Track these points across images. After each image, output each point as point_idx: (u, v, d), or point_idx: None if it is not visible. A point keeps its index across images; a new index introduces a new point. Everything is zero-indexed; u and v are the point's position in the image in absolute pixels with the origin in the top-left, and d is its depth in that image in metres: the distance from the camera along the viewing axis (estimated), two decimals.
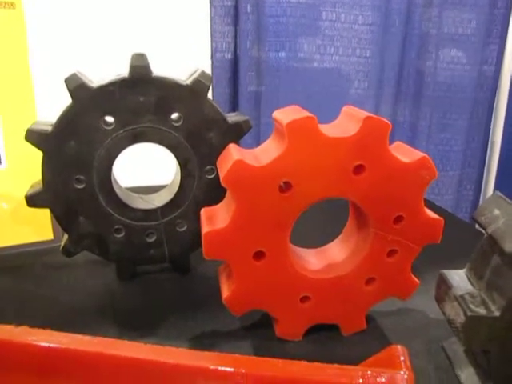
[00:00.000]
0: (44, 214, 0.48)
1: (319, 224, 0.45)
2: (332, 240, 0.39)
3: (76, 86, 0.37)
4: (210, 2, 0.96)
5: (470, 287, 0.25)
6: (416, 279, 0.36)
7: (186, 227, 0.42)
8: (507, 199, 0.25)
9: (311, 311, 0.35)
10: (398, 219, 0.34)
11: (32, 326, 0.26)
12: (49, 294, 0.42)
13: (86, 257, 0.43)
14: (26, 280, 0.44)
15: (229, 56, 1.00)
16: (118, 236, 0.41)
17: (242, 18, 0.96)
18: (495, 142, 1.17)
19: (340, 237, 0.38)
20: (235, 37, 1.00)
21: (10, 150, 0.47)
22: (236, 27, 0.99)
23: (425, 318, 0.38)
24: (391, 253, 0.35)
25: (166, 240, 0.42)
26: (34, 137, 0.38)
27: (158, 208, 0.41)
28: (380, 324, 0.37)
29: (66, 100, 0.38)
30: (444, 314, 0.26)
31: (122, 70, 0.38)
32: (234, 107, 1.02)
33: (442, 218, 0.34)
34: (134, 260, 0.43)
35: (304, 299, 0.35)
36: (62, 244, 0.42)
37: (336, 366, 0.25)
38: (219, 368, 0.25)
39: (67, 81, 0.37)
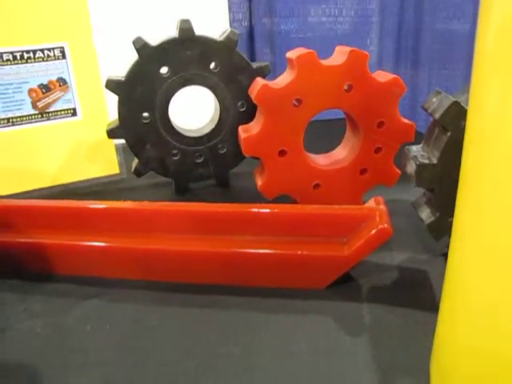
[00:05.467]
0: (111, 154, 0.63)
1: (326, 143, 0.58)
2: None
3: (141, 46, 0.50)
4: None
5: (421, 151, 0.38)
6: (398, 170, 0.49)
7: (225, 149, 0.56)
8: (441, 91, 0.37)
9: (321, 195, 0.48)
10: (381, 124, 0.47)
11: None
12: None
13: (147, 182, 0.57)
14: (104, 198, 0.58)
15: (245, 24, 1.12)
16: (175, 158, 0.55)
17: None
18: None
19: (341, 143, 0.51)
20: (250, 7, 1.11)
21: (84, 106, 0.60)
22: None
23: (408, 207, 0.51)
24: (377, 150, 0.48)
25: (210, 160, 0.56)
26: (112, 85, 0.51)
27: (205, 135, 0.55)
28: None
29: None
30: (406, 173, 0.39)
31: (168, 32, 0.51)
32: None
33: (413, 123, 0.47)
34: (187, 177, 0.57)
35: (316, 186, 0.48)
36: (134, 167, 0.56)
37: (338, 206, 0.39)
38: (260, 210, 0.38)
39: (135, 42, 0.50)
